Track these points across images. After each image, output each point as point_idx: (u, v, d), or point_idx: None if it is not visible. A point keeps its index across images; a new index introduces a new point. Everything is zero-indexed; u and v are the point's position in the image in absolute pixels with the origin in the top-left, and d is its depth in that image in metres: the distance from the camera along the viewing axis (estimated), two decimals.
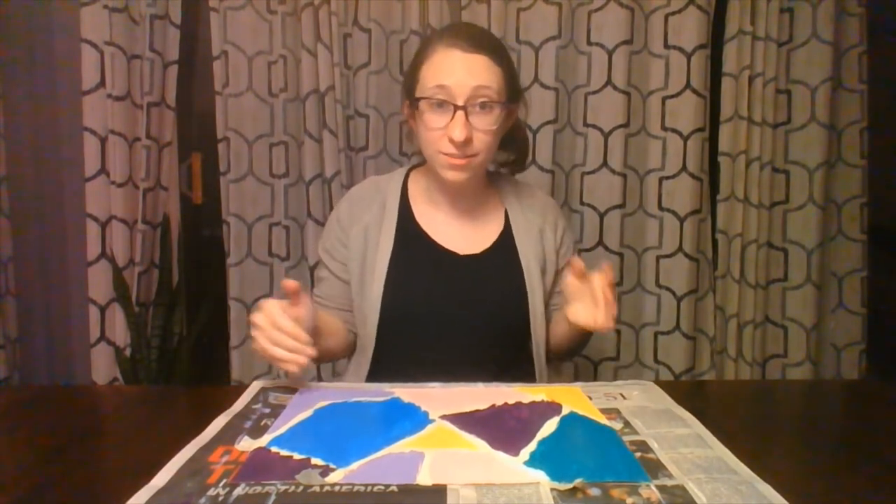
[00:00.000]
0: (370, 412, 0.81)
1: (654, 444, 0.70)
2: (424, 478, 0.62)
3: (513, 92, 1.05)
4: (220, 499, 0.58)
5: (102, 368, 1.63)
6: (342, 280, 1.12)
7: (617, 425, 0.75)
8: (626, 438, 0.72)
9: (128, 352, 1.63)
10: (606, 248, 1.65)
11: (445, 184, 1.06)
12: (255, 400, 0.85)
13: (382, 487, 0.60)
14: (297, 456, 0.67)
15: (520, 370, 1.08)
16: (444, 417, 0.77)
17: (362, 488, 0.60)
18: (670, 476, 0.62)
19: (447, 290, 1.06)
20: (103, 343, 1.63)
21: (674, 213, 1.64)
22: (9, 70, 1.70)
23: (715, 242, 1.68)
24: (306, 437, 0.72)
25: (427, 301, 1.05)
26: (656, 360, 1.69)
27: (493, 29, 1.57)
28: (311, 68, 1.58)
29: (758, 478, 0.62)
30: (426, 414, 0.78)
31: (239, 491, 0.60)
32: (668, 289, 1.66)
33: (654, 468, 0.64)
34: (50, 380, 1.81)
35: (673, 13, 1.59)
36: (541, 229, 1.13)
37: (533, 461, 0.66)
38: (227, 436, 0.73)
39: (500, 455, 0.67)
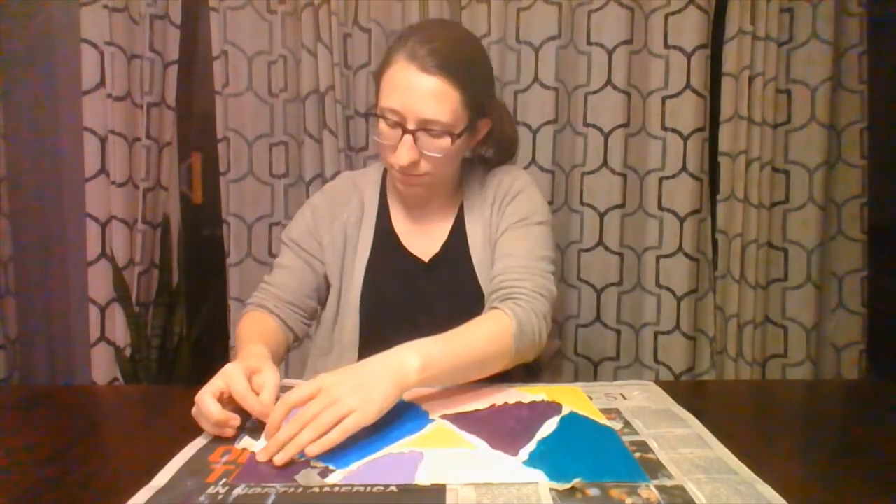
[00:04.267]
0: None
1: (653, 445, 0.70)
2: (423, 478, 0.62)
3: (475, 111, 0.99)
4: (220, 498, 0.58)
5: (102, 368, 1.63)
6: (303, 273, 1.07)
7: (617, 425, 0.75)
8: (625, 438, 0.72)
9: (128, 352, 1.63)
10: (606, 248, 1.65)
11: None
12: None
13: (381, 487, 0.60)
14: (296, 456, 0.67)
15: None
16: (443, 417, 0.77)
17: (361, 489, 0.60)
18: (670, 476, 0.62)
19: (412, 297, 1.05)
20: (103, 343, 1.63)
21: (674, 213, 1.64)
22: (9, 70, 1.70)
23: (715, 242, 1.68)
24: None
25: (398, 307, 1.05)
26: (656, 360, 1.69)
27: (493, 29, 1.57)
28: (311, 68, 1.58)
29: (758, 478, 0.62)
30: (426, 414, 0.78)
31: (239, 491, 0.60)
32: (668, 289, 1.66)
33: (654, 468, 0.64)
34: (50, 380, 1.81)
35: (673, 13, 1.59)
36: (491, 204, 1.07)
37: (532, 461, 0.66)
38: None
39: (500, 455, 0.67)
